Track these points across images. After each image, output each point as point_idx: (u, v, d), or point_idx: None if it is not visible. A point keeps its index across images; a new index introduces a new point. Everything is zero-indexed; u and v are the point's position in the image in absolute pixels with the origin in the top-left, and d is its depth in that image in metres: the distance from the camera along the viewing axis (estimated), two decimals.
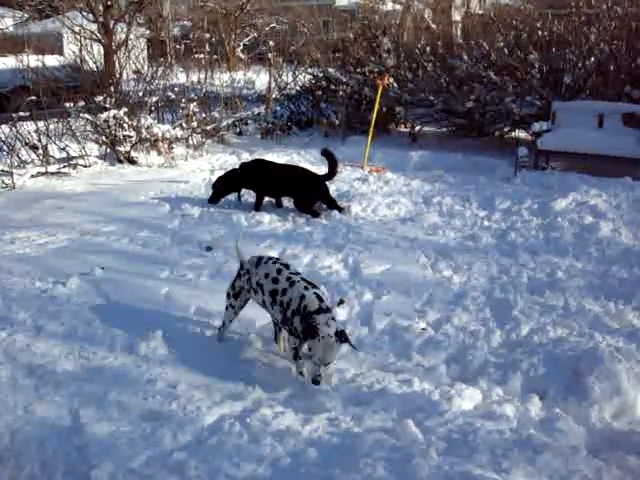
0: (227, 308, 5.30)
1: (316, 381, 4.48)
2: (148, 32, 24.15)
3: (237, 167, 9.77)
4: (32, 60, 14.61)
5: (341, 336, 4.50)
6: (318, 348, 4.43)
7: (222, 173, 9.89)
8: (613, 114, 11.30)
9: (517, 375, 4.81)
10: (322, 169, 11.67)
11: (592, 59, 12.40)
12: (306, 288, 4.78)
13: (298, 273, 5.06)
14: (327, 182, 9.24)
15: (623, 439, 4.10)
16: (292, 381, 4.80)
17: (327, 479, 3.66)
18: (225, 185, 9.52)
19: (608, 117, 11.32)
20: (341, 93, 14.89)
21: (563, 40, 13.10)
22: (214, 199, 9.51)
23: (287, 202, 9.41)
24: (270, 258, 5.25)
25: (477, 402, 4.51)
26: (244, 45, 28.78)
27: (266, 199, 9.40)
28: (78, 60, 14.90)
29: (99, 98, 12.56)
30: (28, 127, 11.79)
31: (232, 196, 9.65)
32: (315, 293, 4.74)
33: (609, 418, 4.33)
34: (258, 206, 9.27)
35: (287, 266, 5.08)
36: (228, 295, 5.30)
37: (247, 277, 5.16)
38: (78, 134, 12.35)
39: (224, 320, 5.35)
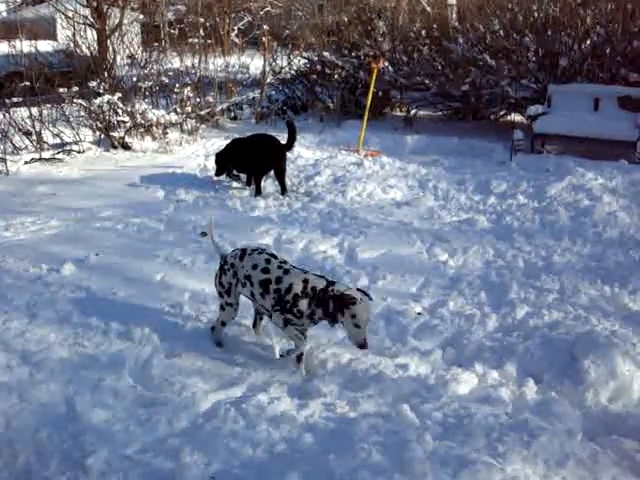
0: (222, 307, 5.06)
1: (365, 345, 4.51)
2: (142, 16, 23.91)
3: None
4: (25, 45, 14.48)
5: (366, 294, 4.66)
6: (361, 311, 4.47)
7: (220, 150, 9.94)
8: (609, 97, 11.27)
9: (513, 359, 4.81)
10: (317, 153, 11.69)
11: (588, 42, 12.34)
12: (304, 272, 4.79)
13: (286, 262, 4.97)
14: (287, 151, 9.40)
15: (619, 423, 4.11)
16: (288, 367, 4.79)
17: (323, 464, 3.66)
18: (222, 159, 9.61)
19: (604, 100, 11.28)
20: (336, 77, 14.83)
21: (559, 23, 13.03)
22: (217, 173, 9.66)
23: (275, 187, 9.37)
24: (255, 249, 5.06)
25: (473, 386, 4.52)
26: (238, 29, 28.59)
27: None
28: (71, 45, 14.80)
29: (93, 83, 12.45)
30: (21, 113, 11.72)
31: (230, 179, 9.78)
32: (314, 274, 4.79)
33: (605, 402, 4.34)
34: (250, 184, 9.51)
35: (274, 256, 4.97)
36: (220, 294, 5.06)
37: (233, 271, 4.95)
38: (72, 120, 12.28)
39: (222, 320, 5.08)
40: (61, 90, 12.33)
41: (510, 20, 13.66)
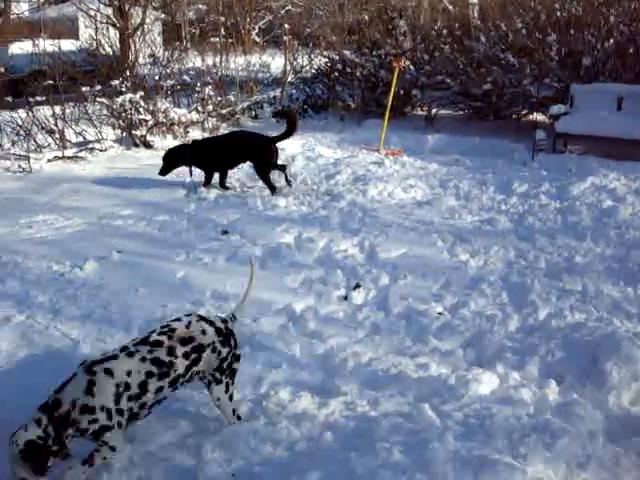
0: None
1: None
2: (163, 16, 24.07)
3: (189, 142, 9.88)
4: (48, 45, 14.61)
5: (27, 451, 3.18)
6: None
7: (173, 146, 9.97)
8: (632, 96, 11.16)
9: (534, 360, 4.78)
10: (338, 153, 11.69)
11: (611, 41, 12.25)
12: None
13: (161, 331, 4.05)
14: (281, 142, 9.40)
15: None
16: (309, 365, 4.79)
17: (343, 463, 3.66)
18: (174, 159, 9.62)
19: (627, 100, 11.18)
20: (357, 76, 14.83)
21: (582, 21, 12.95)
22: (163, 172, 9.66)
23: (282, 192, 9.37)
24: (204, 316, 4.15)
25: (494, 387, 4.49)
26: (259, 28, 28.67)
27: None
28: (94, 44, 14.92)
29: (115, 82, 12.56)
30: (45, 112, 11.82)
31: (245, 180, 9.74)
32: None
33: (627, 404, 4.29)
34: (207, 183, 9.52)
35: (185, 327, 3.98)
36: None
37: None
38: (94, 118, 12.37)
39: None
40: (84, 89, 12.44)
41: (533, 19, 13.60)
